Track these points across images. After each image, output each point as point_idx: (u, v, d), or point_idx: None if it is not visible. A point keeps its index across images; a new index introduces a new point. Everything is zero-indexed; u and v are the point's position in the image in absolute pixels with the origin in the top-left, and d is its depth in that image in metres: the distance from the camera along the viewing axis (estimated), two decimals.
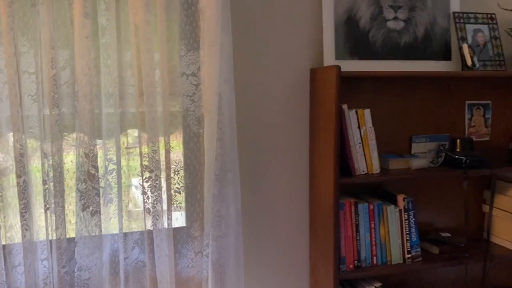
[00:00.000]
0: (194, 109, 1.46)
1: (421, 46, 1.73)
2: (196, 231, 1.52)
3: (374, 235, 1.65)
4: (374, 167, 1.61)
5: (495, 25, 1.79)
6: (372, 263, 1.65)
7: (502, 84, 1.91)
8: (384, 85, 1.78)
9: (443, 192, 1.90)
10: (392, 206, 1.66)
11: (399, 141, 1.83)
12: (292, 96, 1.71)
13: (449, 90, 1.86)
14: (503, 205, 1.85)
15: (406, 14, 1.70)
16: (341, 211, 1.59)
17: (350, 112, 1.57)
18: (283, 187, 1.74)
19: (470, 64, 1.69)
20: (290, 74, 1.69)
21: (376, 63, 1.68)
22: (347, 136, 1.56)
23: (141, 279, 1.51)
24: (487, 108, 1.91)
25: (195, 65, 1.45)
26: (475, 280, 1.88)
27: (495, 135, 1.93)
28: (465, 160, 1.67)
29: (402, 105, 1.81)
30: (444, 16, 1.75)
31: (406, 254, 1.67)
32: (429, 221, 1.90)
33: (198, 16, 1.43)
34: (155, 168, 1.41)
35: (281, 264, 1.77)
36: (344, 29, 1.65)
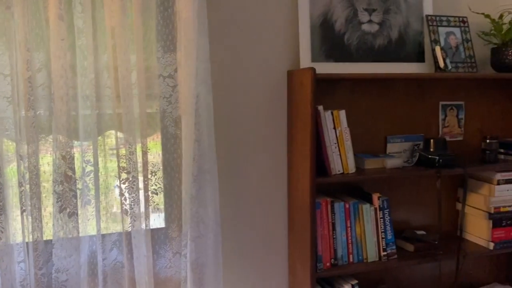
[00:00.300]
0: (171, 110, 1.48)
1: (395, 49, 1.77)
2: (174, 231, 1.54)
3: (350, 233, 1.68)
4: (350, 167, 1.64)
5: (467, 28, 1.84)
6: (348, 261, 1.68)
7: (474, 86, 1.97)
8: (360, 86, 1.81)
9: (418, 191, 1.94)
10: (367, 205, 1.70)
11: (375, 141, 1.87)
12: (270, 98, 1.74)
13: (423, 91, 1.90)
14: (476, 203, 1.90)
15: (381, 17, 1.74)
16: (318, 210, 1.62)
17: (325, 113, 1.60)
18: (262, 187, 1.77)
19: (442, 66, 1.74)
20: (267, 76, 1.72)
21: (351, 65, 1.72)
22: (323, 136, 1.59)
23: (119, 280, 1.52)
24: (460, 108, 1.96)
25: (171, 67, 1.46)
26: (449, 276, 1.94)
27: (468, 135, 1.98)
28: (438, 160, 1.72)
29: (377, 106, 1.85)
30: (417, 19, 1.80)
31: (381, 251, 1.71)
32: (404, 219, 1.95)
33: (174, 18, 1.44)
34: (132, 169, 1.42)
35: (260, 264, 1.79)
36: (320, 32, 1.68)
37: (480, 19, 1.86)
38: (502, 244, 1.84)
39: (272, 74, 1.72)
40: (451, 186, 1.99)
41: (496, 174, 1.83)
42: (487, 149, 1.84)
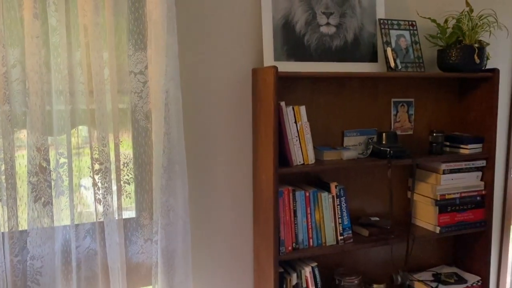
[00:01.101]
0: (142, 105, 1.57)
1: (351, 49, 1.92)
2: (145, 219, 1.63)
3: (310, 219, 1.82)
4: (310, 158, 1.78)
5: (416, 31, 2.02)
6: (308, 245, 1.82)
7: (423, 84, 2.15)
8: (319, 84, 1.96)
9: (372, 181, 2.11)
10: (326, 193, 1.84)
11: (333, 135, 2.02)
12: (236, 94, 1.85)
13: (376, 89, 2.07)
14: (424, 191, 2.08)
15: (337, 20, 1.89)
16: (280, 198, 1.74)
17: (287, 109, 1.73)
18: (229, 178, 1.88)
19: (393, 65, 1.90)
20: (233, 73, 1.83)
21: (311, 64, 1.86)
22: (285, 130, 1.72)
23: (93, 267, 1.60)
24: (411, 105, 2.14)
25: (142, 64, 1.55)
26: (401, 259, 2.11)
27: (418, 129, 2.16)
28: (389, 151, 1.88)
29: (335, 102, 2.00)
30: (371, 22, 1.95)
31: (338, 236, 1.86)
32: (360, 207, 2.11)
33: (145, 19, 1.53)
34: (105, 160, 1.50)
35: (226, 249, 1.91)
36: (282, 33, 1.81)
37: (427, 23, 2.04)
38: (447, 228, 2.03)
39: (238, 72, 1.84)
40: (403, 176, 2.17)
41: (442, 165, 2.02)
42: (434, 142, 2.02)
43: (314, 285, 1.83)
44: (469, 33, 1.94)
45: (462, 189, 2.05)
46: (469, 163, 2.06)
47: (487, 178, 2.09)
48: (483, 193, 2.09)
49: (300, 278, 1.82)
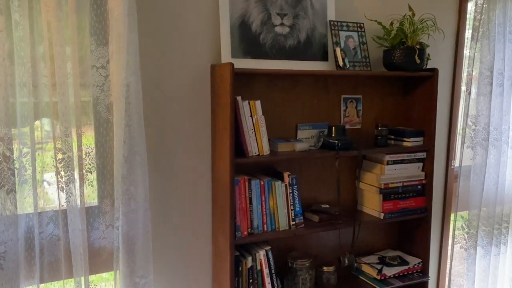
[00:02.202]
0: (103, 98, 1.65)
1: (303, 48, 2.06)
2: (107, 206, 1.71)
3: (264, 206, 1.95)
4: (265, 150, 1.91)
5: (363, 33, 2.18)
6: (263, 230, 1.95)
7: (370, 82, 2.32)
8: (275, 81, 2.09)
9: (324, 171, 2.26)
10: (279, 182, 1.98)
11: (287, 128, 2.16)
12: (196, 88, 1.95)
13: (327, 86, 2.22)
14: (370, 180, 2.26)
15: (291, 21, 2.02)
16: (237, 186, 1.87)
17: (243, 103, 1.85)
18: (189, 168, 1.98)
19: (342, 64, 2.06)
20: (194, 68, 1.93)
21: (266, 62, 1.98)
22: (241, 123, 1.84)
23: (55, 252, 1.67)
24: (359, 101, 2.31)
25: (104, 59, 1.63)
26: (349, 242, 2.28)
27: (365, 124, 2.34)
28: (337, 144, 2.04)
29: (289, 98, 2.14)
30: (322, 23, 2.10)
31: (291, 221, 2.00)
32: (313, 195, 2.26)
33: (106, 15, 1.61)
34: (67, 150, 1.58)
35: (186, 235, 2.02)
36: (238, 31, 1.93)
37: (375, 25, 2.21)
38: (390, 214, 2.21)
39: (198, 67, 1.94)
40: (352, 167, 2.34)
41: (386, 156, 2.20)
42: (379, 135, 2.20)
43: (268, 268, 1.96)
44: (411, 36, 2.12)
45: (404, 179, 2.24)
46: (411, 154, 2.25)
47: (427, 168, 2.29)
48: (424, 182, 2.29)
49: (254, 261, 1.95)
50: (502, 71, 2.49)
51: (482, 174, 2.56)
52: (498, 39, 2.47)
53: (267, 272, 1.96)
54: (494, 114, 2.53)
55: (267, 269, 1.96)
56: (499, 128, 2.55)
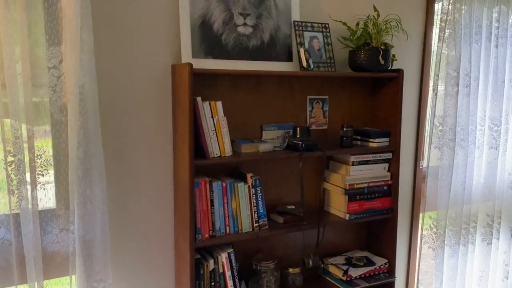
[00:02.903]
0: (56, 98, 1.61)
1: (267, 49, 2.05)
2: (61, 210, 1.67)
3: (227, 208, 1.93)
4: (226, 151, 1.89)
5: (328, 33, 2.17)
6: (225, 232, 1.93)
7: (337, 83, 2.32)
8: (239, 81, 2.07)
9: (290, 172, 2.25)
10: (242, 183, 1.96)
11: (252, 129, 2.14)
12: (157, 89, 1.92)
13: (293, 87, 2.21)
14: (336, 181, 2.26)
15: (254, 21, 2.00)
16: (197, 188, 1.84)
17: (204, 104, 1.82)
18: (151, 170, 1.95)
19: (305, 65, 2.05)
20: (154, 69, 1.90)
21: (228, 62, 1.96)
22: (201, 124, 1.82)
23: (7, 257, 1.63)
24: (325, 102, 2.30)
25: (56, 59, 1.59)
26: (315, 243, 2.28)
27: (331, 124, 2.33)
28: (301, 144, 2.03)
29: (254, 99, 2.12)
30: (286, 24, 2.09)
31: (254, 223, 1.98)
32: (279, 196, 2.25)
33: (58, 14, 1.57)
34: (18, 152, 1.53)
35: (148, 238, 1.98)
36: (199, 31, 1.90)
37: (339, 26, 2.20)
38: (356, 215, 2.21)
39: (159, 67, 1.91)
40: (319, 167, 2.33)
41: (351, 157, 2.19)
42: (344, 136, 2.20)
43: (230, 270, 1.95)
44: (375, 36, 2.12)
45: (370, 179, 2.24)
46: (376, 155, 2.25)
47: (393, 169, 2.30)
48: (390, 183, 2.30)
49: (217, 264, 1.93)
50: (469, 72, 2.51)
51: (449, 175, 2.57)
52: (465, 40, 2.48)
53: (229, 275, 1.94)
54: (461, 114, 2.54)
55: (229, 271, 1.94)
56: (466, 129, 2.57)
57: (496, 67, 2.64)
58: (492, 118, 2.71)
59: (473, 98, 2.57)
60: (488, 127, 2.72)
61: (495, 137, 2.72)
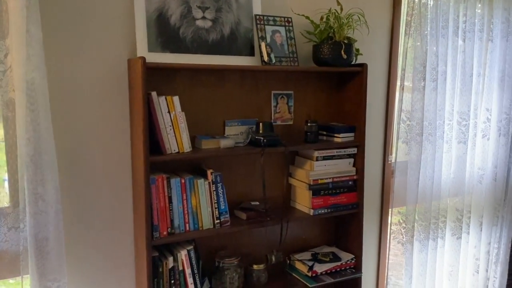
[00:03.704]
0: (2, 94, 1.56)
1: (227, 43, 2.02)
2: (9, 208, 1.63)
3: (186, 205, 1.90)
4: (185, 147, 1.86)
5: (291, 27, 2.15)
6: (185, 229, 1.90)
7: (302, 77, 2.30)
8: (199, 76, 2.04)
9: (256, 168, 2.23)
10: (202, 179, 1.93)
11: (215, 124, 2.11)
12: (113, 84, 1.88)
13: (257, 82, 2.18)
14: (301, 176, 2.24)
15: (213, 14, 1.97)
16: (153, 185, 1.81)
17: (159, 99, 1.79)
18: (108, 167, 1.91)
19: (267, 59, 2.02)
20: (110, 63, 1.86)
21: (187, 56, 1.93)
22: (156, 119, 1.78)
23: None
24: (290, 97, 2.28)
25: (2, 53, 1.54)
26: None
27: (297, 120, 2.31)
28: (263, 140, 2.00)
29: (216, 94, 2.09)
30: (247, 17, 2.06)
31: (215, 220, 1.96)
32: (245, 193, 2.22)
33: (2, 7, 1.52)
34: None
35: (107, 236, 1.95)
36: (156, 25, 1.86)
37: (303, 20, 2.18)
38: (320, 210, 2.19)
39: (115, 62, 1.87)
40: (285, 163, 2.31)
41: (315, 152, 2.18)
42: (308, 131, 2.18)
43: (190, 268, 1.92)
44: (338, 31, 2.10)
45: (334, 175, 2.23)
46: (341, 150, 2.24)
47: (358, 164, 2.28)
48: (355, 178, 2.28)
49: (176, 261, 1.90)
50: (436, 67, 2.51)
51: (417, 169, 2.57)
52: (431, 34, 2.47)
53: (189, 272, 1.91)
54: (429, 109, 2.54)
55: (189, 269, 1.91)
56: (433, 123, 2.57)
57: (464, 61, 2.64)
58: (460, 112, 2.71)
59: (441, 92, 2.57)
60: (456, 121, 2.72)
61: (463, 131, 2.73)
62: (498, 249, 3.08)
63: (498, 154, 2.90)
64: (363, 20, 2.16)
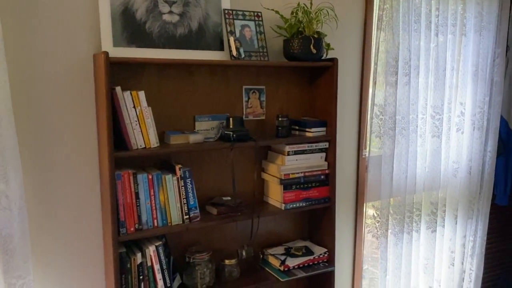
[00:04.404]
0: None
1: (196, 38, 2.00)
2: None
3: (154, 201, 1.89)
4: (152, 142, 1.85)
5: (261, 22, 2.14)
6: (153, 225, 1.89)
7: (273, 73, 2.29)
8: (168, 71, 2.02)
9: (227, 163, 2.22)
10: (170, 175, 1.92)
11: (185, 120, 2.10)
12: (79, 79, 1.86)
13: (227, 77, 2.17)
14: (273, 171, 2.24)
15: (181, 9, 1.96)
16: (119, 181, 1.80)
17: (124, 94, 1.78)
18: (75, 163, 1.89)
19: (235, 54, 2.02)
20: (75, 58, 1.84)
21: (154, 51, 1.91)
22: (121, 114, 1.77)
23: None
24: (262, 92, 2.28)
25: None
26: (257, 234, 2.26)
27: (269, 115, 2.31)
28: (232, 135, 2.00)
29: (186, 89, 2.08)
30: (216, 12, 2.05)
31: (184, 215, 1.95)
32: (218, 188, 2.21)
33: None
34: None
35: (75, 232, 1.93)
36: (121, 19, 1.84)
37: (273, 14, 2.17)
38: (292, 205, 2.20)
39: (80, 57, 1.85)
40: (257, 158, 2.31)
41: (286, 147, 2.18)
42: (279, 126, 2.18)
43: (159, 263, 1.91)
44: (307, 25, 2.10)
45: (306, 169, 2.23)
46: (313, 145, 2.24)
47: (330, 158, 2.29)
48: (327, 172, 2.29)
49: (145, 257, 1.89)
50: (408, 61, 2.52)
51: (391, 164, 2.59)
52: (404, 28, 2.48)
53: (158, 268, 1.91)
54: (402, 103, 2.55)
55: (158, 264, 1.91)
56: (406, 118, 2.58)
57: (437, 55, 2.66)
58: (434, 106, 2.73)
59: (414, 87, 2.58)
60: (430, 115, 2.74)
61: (437, 125, 2.75)
62: (474, 242, 3.11)
63: (473, 147, 2.93)
64: (333, 14, 2.16)
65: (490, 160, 3.02)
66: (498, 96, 2.95)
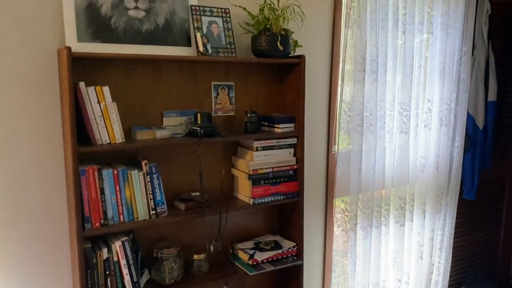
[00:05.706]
0: None
1: (162, 33, 2.01)
2: None
3: (120, 196, 1.89)
4: (117, 137, 1.84)
5: (229, 18, 2.15)
6: (119, 220, 1.89)
7: (242, 69, 2.31)
8: (134, 66, 2.02)
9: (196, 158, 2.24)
10: (136, 170, 1.92)
11: (152, 115, 2.10)
12: (43, 75, 1.85)
13: (195, 73, 2.18)
14: (242, 167, 2.26)
15: (147, 4, 1.96)
16: (83, 176, 1.79)
17: (88, 89, 1.77)
18: (40, 160, 1.88)
19: (202, 50, 2.03)
20: (39, 55, 1.82)
21: (119, 47, 1.91)
22: (85, 110, 1.77)
23: None
24: (231, 88, 2.30)
25: None
26: (227, 229, 2.28)
27: (238, 111, 2.33)
28: (199, 131, 2.01)
29: (153, 84, 2.08)
30: (183, 8, 2.05)
31: (151, 211, 1.96)
32: (187, 183, 2.22)
33: None
34: None
35: (41, 228, 1.92)
36: (85, 14, 1.84)
37: (241, 11, 2.19)
38: (259, 200, 2.22)
39: (43, 53, 1.83)
40: (228, 154, 2.33)
41: (254, 142, 2.20)
42: (248, 122, 2.20)
43: (125, 259, 1.92)
44: (274, 22, 2.12)
45: (274, 164, 2.26)
46: (281, 140, 2.27)
47: (298, 154, 2.32)
48: (295, 167, 2.32)
49: (111, 253, 1.89)
50: (375, 58, 2.57)
51: (359, 159, 2.63)
52: (371, 26, 2.53)
53: (124, 263, 1.91)
54: (369, 100, 2.60)
55: (124, 260, 1.91)
56: (374, 114, 2.63)
57: (405, 53, 2.71)
58: (402, 103, 2.78)
59: (381, 83, 2.63)
60: (398, 112, 2.79)
61: (405, 122, 2.80)
62: (442, 236, 3.19)
63: (440, 143, 3.00)
64: (299, 11, 2.19)
65: (457, 155, 3.10)
66: (465, 93, 3.03)
